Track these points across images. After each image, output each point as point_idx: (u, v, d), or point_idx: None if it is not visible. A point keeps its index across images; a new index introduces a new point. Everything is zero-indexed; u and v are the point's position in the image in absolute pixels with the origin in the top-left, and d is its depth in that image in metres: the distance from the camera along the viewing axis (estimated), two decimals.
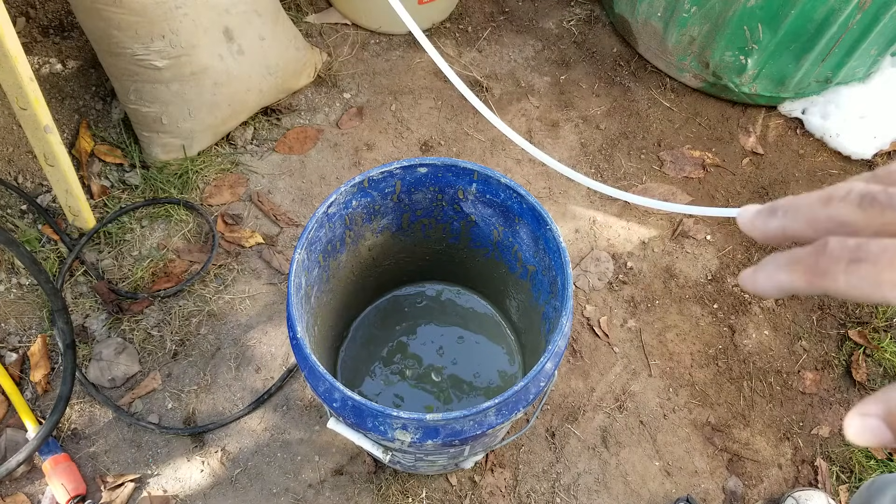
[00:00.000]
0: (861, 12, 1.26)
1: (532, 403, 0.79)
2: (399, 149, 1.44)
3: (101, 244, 1.28)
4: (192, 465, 1.12)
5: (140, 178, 1.34)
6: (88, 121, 1.37)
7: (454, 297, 1.21)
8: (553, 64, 1.58)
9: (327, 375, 0.74)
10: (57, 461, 1.07)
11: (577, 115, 1.52)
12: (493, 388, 1.14)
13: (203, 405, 1.17)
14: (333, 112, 1.47)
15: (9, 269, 1.24)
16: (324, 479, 1.12)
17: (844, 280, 0.27)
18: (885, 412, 0.28)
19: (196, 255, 1.29)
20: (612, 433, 1.19)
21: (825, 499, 1.13)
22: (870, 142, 1.48)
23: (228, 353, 1.21)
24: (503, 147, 1.45)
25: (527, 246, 0.94)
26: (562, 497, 1.13)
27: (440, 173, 0.90)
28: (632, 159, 1.47)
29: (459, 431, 0.74)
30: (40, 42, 1.39)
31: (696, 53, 1.47)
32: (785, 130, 1.53)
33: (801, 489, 1.16)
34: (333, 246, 0.93)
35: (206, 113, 1.29)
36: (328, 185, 1.39)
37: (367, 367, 1.14)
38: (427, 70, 1.54)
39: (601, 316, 1.28)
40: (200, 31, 1.18)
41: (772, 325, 1.30)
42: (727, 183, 1.45)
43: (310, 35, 1.55)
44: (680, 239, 1.38)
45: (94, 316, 1.22)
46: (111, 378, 1.16)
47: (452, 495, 1.12)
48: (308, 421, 1.16)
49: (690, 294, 1.32)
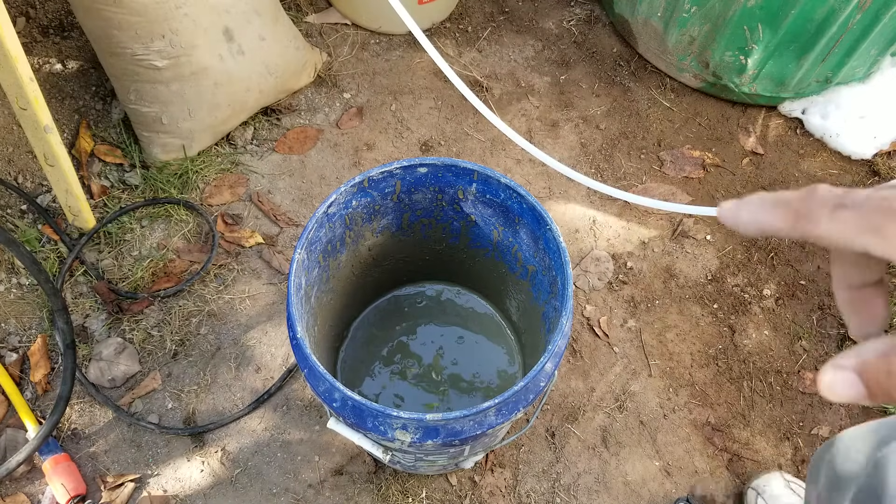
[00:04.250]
0: (861, 12, 1.26)
1: (532, 403, 0.79)
2: (399, 149, 1.44)
3: (101, 244, 1.28)
4: (192, 465, 1.12)
5: (140, 178, 1.34)
6: (88, 121, 1.37)
7: (454, 297, 1.21)
8: (553, 64, 1.58)
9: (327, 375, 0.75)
10: (57, 461, 1.07)
11: (577, 115, 1.52)
12: (493, 388, 1.14)
13: (203, 405, 1.17)
14: (333, 112, 1.47)
15: (9, 269, 1.24)
16: (324, 479, 1.12)
17: (826, 224, 0.27)
18: (860, 366, 0.27)
19: (196, 255, 1.29)
20: (612, 433, 1.19)
21: (780, 477, 1.14)
22: (870, 142, 1.48)
23: (228, 353, 1.21)
24: (503, 147, 1.46)
25: (527, 246, 0.94)
26: (562, 497, 1.13)
27: (440, 173, 0.90)
28: (632, 159, 1.47)
29: (459, 431, 0.74)
30: (40, 42, 1.39)
31: (696, 53, 1.47)
32: (785, 130, 1.53)
33: (756, 477, 1.15)
34: (333, 246, 0.93)
35: (206, 113, 1.29)
36: (328, 185, 1.39)
37: (367, 367, 1.14)
38: (427, 70, 1.54)
39: (601, 316, 1.28)
40: (200, 31, 1.18)
41: (772, 325, 1.30)
42: (727, 183, 1.45)
43: (310, 35, 1.55)
44: (680, 239, 1.38)
45: (94, 316, 1.22)
46: (111, 378, 1.16)
47: (452, 495, 1.12)
48: (308, 421, 1.16)
49: (690, 294, 1.32)
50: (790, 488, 1.12)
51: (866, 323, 0.32)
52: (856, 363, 0.27)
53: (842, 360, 0.28)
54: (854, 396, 0.28)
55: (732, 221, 0.31)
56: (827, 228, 0.27)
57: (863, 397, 0.28)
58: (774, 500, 1.10)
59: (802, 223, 0.28)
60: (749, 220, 0.30)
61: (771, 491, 1.11)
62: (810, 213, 0.28)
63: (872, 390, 0.27)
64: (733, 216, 0.31)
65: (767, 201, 0.29)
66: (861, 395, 0.28)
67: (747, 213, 0.30)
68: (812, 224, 0.28)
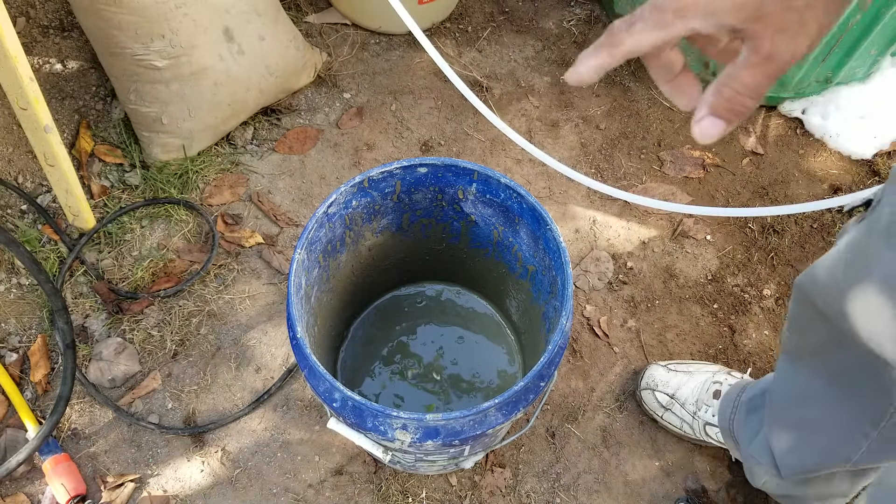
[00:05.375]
0: (861, 12, 1.26)
1: (532, 403, 0.79)
2: (399, 149, 1.44)
3: (101, 244, 1.28)
4: (192, 465, 1.12)
5: (140, 178, 1.34)
6: (88, 121, 1.37)
7: (454, 297, 1.21)
8: (553, 64, 1.58)
9: (327, 375, 0.75)
10: (57, 461, 1.07)
11: (577, 115, 1.52)
12: (493, 388, 1.14)
13: (203, 405, 1.17)
14: (333, 112, 1.47)
15: (9, 269, 1.24)
16: (324, 479, 1.12)
17: (629, 40, 0.38)
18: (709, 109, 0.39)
19: (196, 255, 1.29)
20: (612, 433, 1.19)
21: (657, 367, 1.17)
22: (870, 142, 1.48)
23: (228, 353, 1.21)
24: (503, 147, 1.46)
25: (527, 246, 0.94)
26: (562, 497, 1.13)
27: (440, 173, 0.90)
28: (632, 159, 1.47)
29: (459, 431, 0.74)
30: (40, 42, 1.39)
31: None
32: (785, 130, 1.53)
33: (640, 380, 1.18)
34: (333, 246, 0.93)
35: (206, 113, 1.29)
36: (328, 185, 1.39)
37: (367, 367, 1.15)
38: (427, 70, 1.54)
39: (601, 316, 1.29)
40: (200, 31, 1.18)
41: (772, 325, 1.30)
42: (727, 183, 1.45)
43: (310, 35, 1.55)
44: (680, 239, 1.38)
45: (94, 316, 1.22)
46: (111, 378, 1.16)
47: (452, 495, 1.12)
48: (308, 421, 1.16)
49: (690, 294, 1.32)
50: (670, 369, 1.17)
51: (689, 99, 0.43)
52: (705, 110, 0.39)
53: (697, 116, 0.39)
54: (720, 129, 0.39)
55: (578, 80, 0.41)
56: (631, 42, 0.38)
57: (724, 126, 0.39)
58: (665, 386, 1.15)
59: (614, 50, 0.39)
60: (587, 70, 0.40)
61: (659, 377, 1.16)
62: (612, 40, 0.39)
63: (725, 116, 0.38)
64: (576, 76, 0.40)
65: (589, 52, 0.40)
66: (721, 125, 0.39)
67: (583, 67, 0.40)
68: (619, 45, 0.39)
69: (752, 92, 0.37)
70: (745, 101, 0.38)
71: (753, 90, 0.37)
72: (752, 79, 0.37)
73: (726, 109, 0.38)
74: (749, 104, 0.38)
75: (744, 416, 0.99)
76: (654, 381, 1.15)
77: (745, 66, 0.37)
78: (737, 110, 0.38)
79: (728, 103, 0.38)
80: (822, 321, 0.70)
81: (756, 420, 0.96)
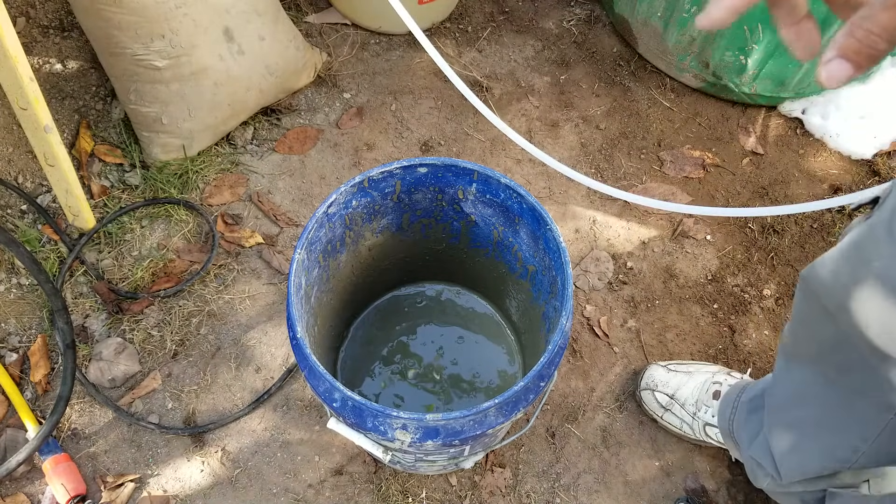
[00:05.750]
0: None
1: (532, 403, 0.79)
2: (399, 149, 1.44)
3: (101, 244, 1.28)
4: (192, 465, 1.13)
5: (140, 178, 1.34)
6: (88, 121, 1.37)
7: (454, 297, 1.21)
8: (553, 64, 1.58)
9: (327, 375, 0.75)
10: (57, 461, 1.07)
11: (577, 115, 1.52)
12: (493, 388, 1.14)
13: (203, 405, 1.17)
14: (333, 112, 1.47)
15: (9, 269, 1.24)
16: (324, 479, 1.12)
17: None
18: (838, 51, 0.37)
19: (196, 255, 1.29)
20: (612, 433, 1.19)
21: (657, 367, 1.17)
22: (870, 142, 1.48)
23: (228, 353, 1.21)
24: (503, 147, 1.46)
25: (527, 246, 0.94)
26: (562, 497, 1.13)
27: (440, 173, 0.90)
28: (632, 159, 1.47)
29: (459, 431, 0.75)
30: (40, 42, 1.39)
31: (696, 53, 1.47)
32: (785, 130, 1.53)
33: (640, 381, 1.18)
34: (333, 246, 0.93)
35: (206, 113, 1.29)
36: (328, 185, 1.39)
37: (367, 367, 1.15)
38: (427, 70, 1.54)
39: (601, 316, 1.29)
40: (200, 31, 1.18)
41: (772, 325, 1.30)
42: (727, 183, 1.45)
43: (310, 35, 1.55)
44: (680, 239, 1.38)
45: (94, 316, 1.22)
46: (111, 378, 1.16)
47: (452, 495, 1.12)
48: (308, 421, 1.16)
49: (690, 294, 1.32)
50: (670, 370, 1.17)
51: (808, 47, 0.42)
52: (834, 52, 0.37)
53: (824, 58, 0.37)
54: (847, 72, 0.37)
55: (709, 23, 0.40)
56: None
57: (852, 70, 0.37)
58: (664, 386, 1.15)
59: None
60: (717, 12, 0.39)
61: (659, 377, 1.16)
62: None
63: (855, 59, 0.36)
64: (707, 18, 0.40)
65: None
66: (849, 69, 0.37)
67: (713, 9, 0.39)
68: None
69: (889, 34, 0.35)
70: (879, 44, 0.35)
71: (891, 32, 0.35)
72: (890, 20, 0.35)
73: (857, 52, 0.36)
74: (882, 47, 0.36)
75: (744, 416, 0.99)
76: (654, 382, 1.15)
77: (883, 5, 0.35)
78: (868, 53, 0.36)
79: (860, 45, 0.36)
80: (825, 315, 0.70)
81: (756, 421, 0.96)
